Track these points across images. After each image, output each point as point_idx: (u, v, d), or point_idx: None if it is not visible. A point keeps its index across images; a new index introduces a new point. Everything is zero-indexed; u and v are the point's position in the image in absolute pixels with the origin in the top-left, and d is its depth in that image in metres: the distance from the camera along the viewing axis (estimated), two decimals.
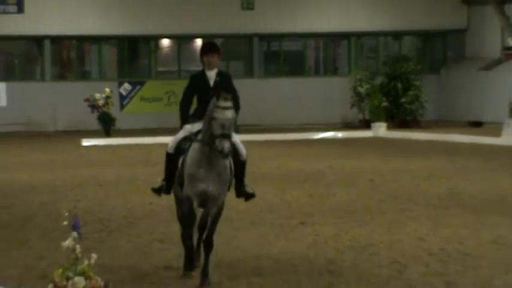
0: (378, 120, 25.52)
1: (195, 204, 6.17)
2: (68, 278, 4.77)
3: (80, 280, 4.73)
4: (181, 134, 6.73)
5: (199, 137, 6.38)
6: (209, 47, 6.95)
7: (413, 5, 30.62)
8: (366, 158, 20.26)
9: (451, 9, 31.08)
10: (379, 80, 27.63)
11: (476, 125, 26.14)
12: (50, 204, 12.05)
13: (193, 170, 6.18)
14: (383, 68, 29.11)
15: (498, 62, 28.23)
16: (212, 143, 5.98)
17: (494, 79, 27.76)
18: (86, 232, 6.59)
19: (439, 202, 12.56)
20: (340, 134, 25.01)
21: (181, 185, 6.34)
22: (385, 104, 26.32)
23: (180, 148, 6.60)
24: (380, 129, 24.79)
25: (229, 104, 5.94)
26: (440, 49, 32.08)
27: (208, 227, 6.13)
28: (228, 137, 5.88)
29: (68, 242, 4.76)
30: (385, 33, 31.15)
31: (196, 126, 6.57)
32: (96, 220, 10.52)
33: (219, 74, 6.72)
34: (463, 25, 31.16)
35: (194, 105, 7.83)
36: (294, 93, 27.50)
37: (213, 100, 6.06)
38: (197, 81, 6.78)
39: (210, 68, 6.69)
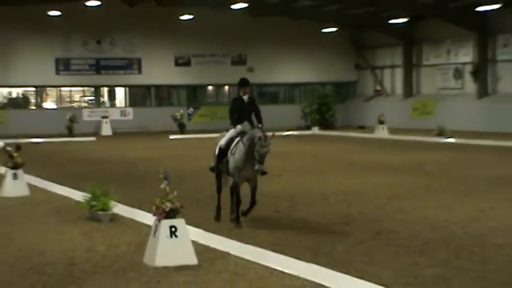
0: (314, 125, 40.50)
1: (240, 181, 10.29)
2: (162, 203, 8.30)
3: (168, 204, 8.24)
4: (230, 134, 10.62)
5: (244, 141, 10.21)
6: (244, 83, 10.95)
7: (332, 67, 44.73)
8: (309, 144, 31.37)
9: (350, 70, 46.71)
10: (315, 106, 42.40)
11: (362, 128, 40.43)
12: (153, 167, 18.00)
13: (240, 164, 10.18)
14: (316, 100, 43.42)
15: (371, 97, 44.88)
16: (251, 154, 10.08)
17: (370, 105, 43.44)
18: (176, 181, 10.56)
19: (356, 165, 21.29)
20: (295, 133, 38.53)
21: (226, 166, 10.51)
22: (318, 117, 41.84)
23: (229, 145, 10.42)
24: (315, 130, 39.45)
25: (268, 144, 9.95)
26: (345, 91, 47.48)
27: (252, 193, 10.37)
28: (262, 162, 10.00)
29: (163, 185, 8.32)
30: (317, 83, 46.10)
31: (238, 128, 10.63)
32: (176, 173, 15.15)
33: (249, 98, 10.87)
34: (355, 79, 47.04)
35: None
36: (274, 112, 38.92)
37: (259, 139, 9.97)
38: (237, 101, 10.86)
39: (244, 94, 10.77)
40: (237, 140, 10.24)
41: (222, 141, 10.53)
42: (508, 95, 35.77)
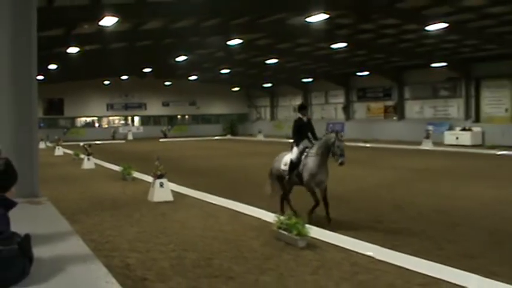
0: (229, 134, 65.05)
1: (315, 186, 11.76)
2: (156, 171, 15.75)
3: (158, 172, 15.65)
4: (298, 151, 12.11)
5: (312, 152, 11.72)
6: (304, 106, 13.00)
7: (236, 106, 72.22)
8: (227, 143, 52.83)
9: (245, 107, 74.08)
10: (228, 125, 68.15)
11: (250, 135, 64.71)
12: (152, 154, 21.36)
13: (315, 170, 11.50)
14: (229, 122, 68.54)
15: (255, 120, 70.63)
16: (326, 155, 11.53)
17: (254, 124, 69.58)
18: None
19: (250, 152, 42.47)
20: (219, 137, 59.82)
21: (298, 176, 12.07)
22: (230, 130, 66.69)
23: (299, 159, 11.96)
24: (229, 136, 62.15)
25: (343, 139, 11.45)
26: (243, 117, 72.59)
27: (325, 196, 11.79)
28: (344, 155, 11.40)
29: (156, 163, 15.82)
30: (230, 114, 71.36)
31: (302, 145, 12.16)
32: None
33: (308, 119, 12.67)
34: (248, 111, 73.83)
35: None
36: (209, 128, 70.10)
37: (334, 135, 11.61)
38: (299, 122, 12.39)
39: (304, 116, 12.49)
40: (305, 154, 11.86)
41: (293, 156, 12.07)
42: (360, 119, 55.88)
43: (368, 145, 42.61)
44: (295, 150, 12.31)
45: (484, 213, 13.98)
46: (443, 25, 30.02)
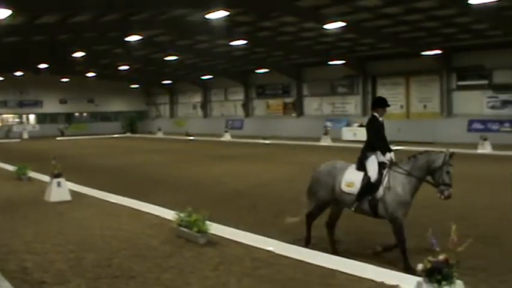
0: (128, 132, 66.95)
1: (403, 216, 8.38)
2: (53, 170, 15.06)
3: (56, 171, 25.37)
4: (375, 164, 8.62)
5: (402, 171, 8.41)
6: (384, 103, 9.06)
7: (136, 103, 73.01)
8: (125, 140, 55.29)
9: (144, 105, 74.87)
10: (128, 122, 68.01)
11: (150, 133, 63.92)
12: (48, 153, 37.66)
13: (408, 198, 8.36)
14: (129, 119, 67.28)
15: (155, 118, 71.34)
16: (422, 180, 8.41)
17: (154, 122, 69.26)
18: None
19: (145, 149, 52.27)
20: (119, 135, 62.41)
21: (372, 205, 8.56)
22: (130, 128, 67.46)
23: (380, 178, 8.43)
24: (128, 134, 62.56)
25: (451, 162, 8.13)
26: (143, 116, 72.81)
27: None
28: (451, 185, 8.17)
29: (53, 162, 26.76)
30: (129, 111, 70.86)
31: (380, 156, 8.72)
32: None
33: (382, 120, 9.07)
34: (147, 109, 74.57)
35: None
36: (107, 126, 68.41)
37: (443, 156, 8.24)
38: (377, 123, 8.95)
39: (381, 115, 9.00)
40: (386, 172, 8.52)
41: (372, 174, 8.58)
42: (260, 116, 57.27)
43: (267, 142, 42.84)
44: (373, 165, 8.78)
45: None
46: (341, 24, 30.71)
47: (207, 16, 27.92)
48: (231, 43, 39.05)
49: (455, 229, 5.17)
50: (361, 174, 8.82)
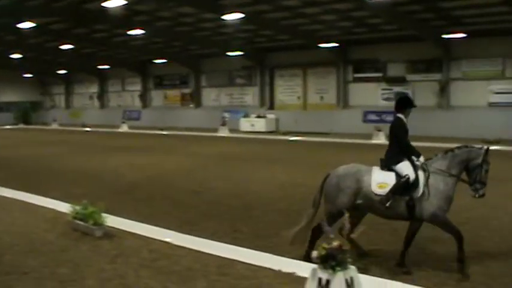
0: (21, 123, 64.97)
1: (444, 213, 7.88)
2: None
3: None
4: (409, 165, 8.10)
5: (440, 169, 7.98)
6: (410, 104, 8.53)
7: (29, 93, 68.10)
8: (19, 131, 56.41)
9: (38, 95, 70.39)
10: (21, 113, 67.57)
11: (44, 123, 61.34)
12: None
13: (451, 195, 7.97)
14: (22, 110, 64.36)
15: (50, 108, 68.64)
16: (459, 177, 8.01)
17: (49, 113, 66.63)
18: None
19: (39, 140, 51.60)
20: (9, 127, 62.86)
21: (409, 205, 7.93)
22: (23, 119, 66.20)
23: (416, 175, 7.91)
24: (21, 125, 60.13)
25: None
26: (37, 106, 68.16)
27: (415, 233, 8.21)
28: (486, 184, 7.91)
29: None
30: (23, 101, 66.56)
31: (421, 160, 8.21)
32: None
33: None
34: (41, 99, 70.14)
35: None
36: None
37: (483, 152, 7.93)
38: (404, 123, 8.38)
39: (407, 117, 8.45)
40: (423, 171, 8.11)
41: (411, 172, 8.06)
42: (157, 107, 55.91)
43: (165, 132, 42.89)
44: (407, 166, 8.21)
45: (277, 196, 14.66)
46: (240, 15, 30.81)
47: (104, 4, 27.29)
48: (129, 32, 38.14)
49: (348, 217, 5.32)
50: (392, 174, 8.22)
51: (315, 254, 5.43)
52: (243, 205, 12.97)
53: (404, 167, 8.11)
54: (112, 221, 10.56)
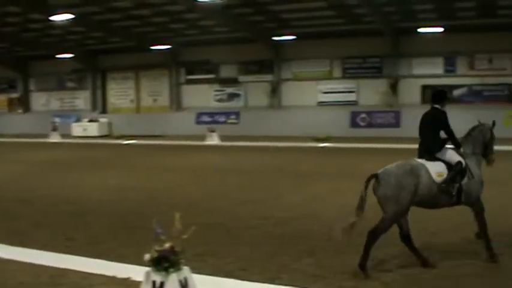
0: None
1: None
2: None
3: None
4: (455, 153, 8.36)
5: (469, 152, 8.37)
6: (445, 96, 8.83)
7: None
8: None
9: None
10: None
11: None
12: None
13: (482, 177, 8.25)
14: None
15: None
16: (481, 153, 8.50)
17: None
18: None
19: None
20: None
21: (459, 191, 8.04)
22: None
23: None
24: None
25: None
26: None
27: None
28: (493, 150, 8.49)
29: None
30: None
31: (461, 151, 8.49)
32: None
33: None
34: None
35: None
36: None
37: (490, 126, 8.61)
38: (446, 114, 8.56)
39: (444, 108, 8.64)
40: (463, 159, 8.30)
41: (459, 159, 8.27)
42: (39, 112, 50.03)
43: None
44: (453, 152, 8.43)
45: (111, 200, 14.44)
46: (69, 16, 30.01)
47: None
48: None
49: (179, 218, 5.37)
50: (440, 163, 8.26)
51: (147, 256, 5.43)
52: (76, 212, 12.62)
53: (453, 155, 8.34)
54: None
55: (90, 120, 43.55)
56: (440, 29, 34.55)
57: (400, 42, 36.98)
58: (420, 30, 34.70)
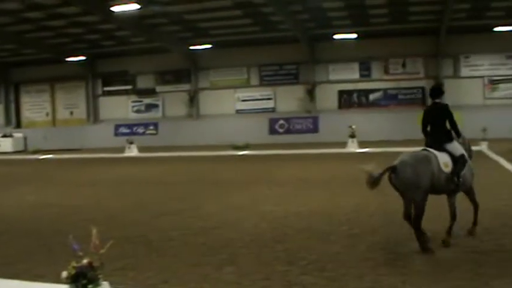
0: None
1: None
2: None
3: None
4: (459, 145, 9.20)
5: (463, 147, 9.27)
6: (442, 91, 9.66)
7: None
8: None
9: None
10: None
11: None
12: None
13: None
14: None
15: None
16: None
17: None
18: None
19: None
20: None
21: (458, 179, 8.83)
22: None
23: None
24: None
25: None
26: None
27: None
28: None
29: None
30: None
31: (461, 139, 9.47)
32: None
33: None
34: None
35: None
36: None
37: (468, 141, 9.76)
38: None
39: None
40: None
41: (463, 151, 9.20)
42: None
43: None
44: (457, 144, 9.20)
45: (27, 218, 14.02)
46: None
47: None
48: None
49: (96, 232, 5.31)
50: (445, 154, 8.95)
51: (64, 274, 5.35)
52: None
53: (458, 147, 9.09)
54: None
55: (4, 136, 42.27)
56: (355, 35, 35.38)
57: (316, 49, 37.66)
58: (335, 36, 35.44)
